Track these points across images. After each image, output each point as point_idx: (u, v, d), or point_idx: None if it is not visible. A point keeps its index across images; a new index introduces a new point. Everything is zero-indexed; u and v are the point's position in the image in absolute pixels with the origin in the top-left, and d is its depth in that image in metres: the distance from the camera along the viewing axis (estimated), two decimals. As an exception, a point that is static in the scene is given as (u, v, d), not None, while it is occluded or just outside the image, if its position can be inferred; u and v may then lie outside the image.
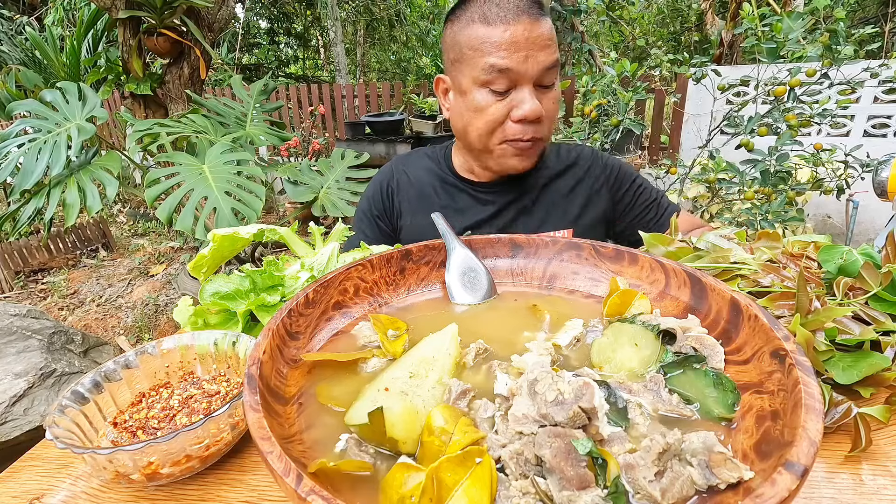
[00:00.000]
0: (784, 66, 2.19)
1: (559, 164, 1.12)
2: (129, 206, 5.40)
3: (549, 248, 0.65)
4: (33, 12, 7.66)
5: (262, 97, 2.85)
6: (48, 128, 2.33)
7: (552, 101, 0.95)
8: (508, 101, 0.92)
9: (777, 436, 0.35)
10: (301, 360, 0.49)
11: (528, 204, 1.07)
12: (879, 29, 6.45)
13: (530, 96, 0.90)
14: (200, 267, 0.70)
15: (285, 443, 0.36)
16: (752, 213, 2.06)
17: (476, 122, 0.96)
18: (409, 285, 0.64)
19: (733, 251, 0.66)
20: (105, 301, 3.58)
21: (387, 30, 9.75)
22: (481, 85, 0.92)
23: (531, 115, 0.91)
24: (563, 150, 1.17)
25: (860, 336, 0.51)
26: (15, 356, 2.07)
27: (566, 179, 1.11)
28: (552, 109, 0.96)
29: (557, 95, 0.97)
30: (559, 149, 1.17)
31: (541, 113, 0.92)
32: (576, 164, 1.12)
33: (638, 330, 0.49)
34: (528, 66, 0.88)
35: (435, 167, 1.14)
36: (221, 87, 7.24)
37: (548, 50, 0.90)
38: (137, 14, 2.80)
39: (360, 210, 1.19)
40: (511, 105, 0.92)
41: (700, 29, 7.43)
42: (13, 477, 0.52)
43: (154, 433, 0.50)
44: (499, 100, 0.92)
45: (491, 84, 0.91)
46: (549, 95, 0.94)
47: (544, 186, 1.09)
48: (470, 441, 0.37)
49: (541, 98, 0.93)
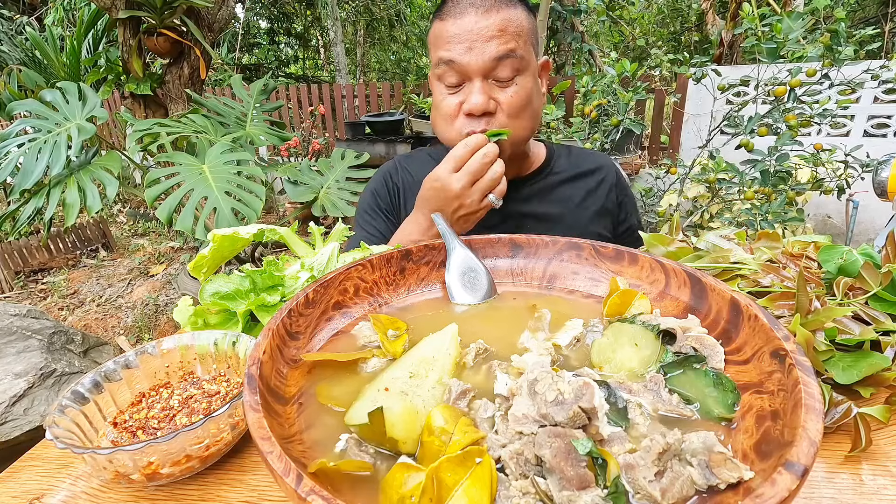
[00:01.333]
0: (784, 66, 2.19)
1: (571, 169, 1.08)
2: (129, 206, 5.40)
3: (549, 248, 0.65)
4: (33, 12, 7.67)
5: (262, 97, 2.85)
6: (48, 128, 2.33)
7: (511, 95, 0.90)
8: (460, 95, 0.91)
9: (777, 436, 0.35)
10: (301, 360, 0.49)
11: (536, 210, 1.05)
12: (879, 29, 6.45)
13: (477, 90, 0.88)
14: (200, 267, 0.70)
15: (285, 443, 0.36)
16: (752, 214, 2.06)
17: (436, 119, 0.96)
18: (409, 285, 0.64)
19: (733, 251, 0.66)
20: (105, 301, 3.59)
21: (387, 30, 9.75)
22: (437, 80, 0.93)
23: (474, 108, 0.88)
24: (578, 154, 1.12)
25: (860, 336, 0.51)
26: (15, 356, 2.07)
27: (578, 187, 1.07)
28: (512, 103, 0.90)
29: (522, 90, 0.91)
30: (570, 152, 1.13)
31: (487, 107, 0.88)
32: (591, 174, 1.08)
33: (638, 330, 0.49)
34: (471, 56, 0.86)
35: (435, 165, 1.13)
36: (221, 87, 7.25)
37: (496, 40, 0.86)
38: (137, 14, 2.80)
39: (365, 204, 1.15)
40: (463, 98, 0.91)
41: (700, 29, 7.43)
42: (13, 477, 0.52)
43: (154, 433, 0.50)
44: (451, 94, 0.91)
45: (443, 78, 0.91)
46: (507, 90, 0.90)
47: (553, 191, 1.06)
48: (470, 441, 0.37)
49: (496, 92, 0.90)
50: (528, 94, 0.92)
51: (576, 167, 1.09)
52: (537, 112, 0.97)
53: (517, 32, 0.88)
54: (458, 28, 0.87)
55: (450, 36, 0.87)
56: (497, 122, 0.91)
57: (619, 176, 1.12)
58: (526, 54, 0.89)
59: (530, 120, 0.95)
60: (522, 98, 0.91)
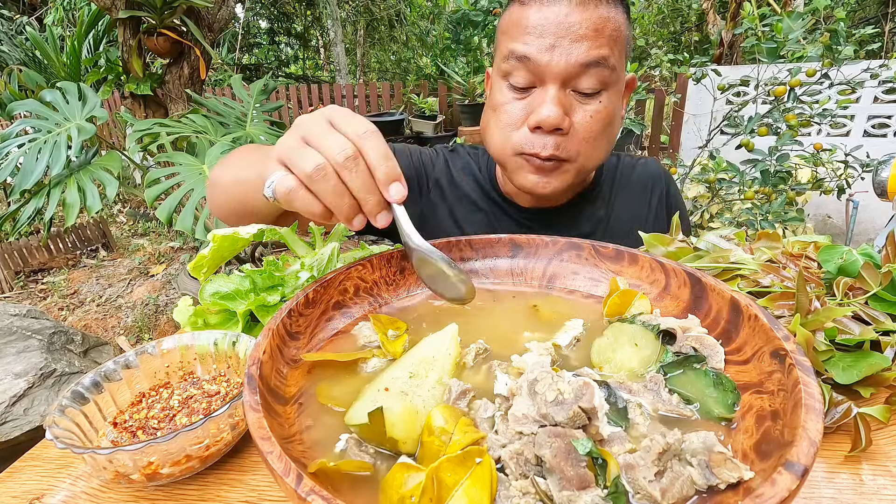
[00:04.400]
0: (784, 66, 2.19)
1: (618, 187, 0.93)
2: (129, 206, 5.40)
3: (549, 248, 0.65)
4: (33, 12, 7.66)
5: (262, 97, 2.86)
6: (48, 128, 2.33)
7: (591, 115, 0.74)
8: (529, 102, 0.75)
9: (777, 436, 0.35)
10: (301, 360, 0.49)
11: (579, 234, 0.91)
12: (879, 29, 6.45)
13: (551, 99, 0.72)
14: (201, 267, 0.70)
15: (285, 443, 0.36)
16: (752, 214, 2.06)
17: (492, 124, 0.80)
18: (409, 285, 0.64)
19: (733, 251, 0.66)
20: (105, 301, 3.59)
21: (387, 30, 9.75)
22: (502, 77, 0.77)
23: (545, 122, 0.72)
24: (627, 165, 0.97)
25: (860, 336, 0.51)
26: (15, 356, 2.07)
27: (625, 203, 0.93)
28: (590, 125, 0.74)
29: (605, 110, 0.75)
30: (619, 163, 0.97)
31: (561, 123, 0.72)
32: (640, 190, 0.95)
33: (638, 330, 0.49)
34: (552, 56, 0.70)
35: (478, 173, 0.96)
36: (221, 87, 7.25)
37: (589, 42, 0.70)
38: (137, 14, 2.80)
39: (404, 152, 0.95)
40: (531, 107, 0.75)
41: (700, 29, 7.43)
42: (13, 477, 0.52)
43: (154, 433, 0.50)
44: (518, 98, 0.76)
45: (509, 76, 0.75)
46: (587, 106, 0.74)
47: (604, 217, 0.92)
48: (470, 441, 0.37)
49: (574, 106, 0.74)
50: (611, 116, 0.76)
51: (624, 185, 0.95)
52: (613, 139, 0.80)
53: (614, 37, 0.72)
54: (542, 17, 0.70)
55: (530, 26, 0.71)
56: (568, 145, 0.75)
57: (668, 185, 0.99)
58: (619, 66, 0.74)
59: (605, 147, 0.79)
60: (604, 119, 0.75)
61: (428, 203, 0.96)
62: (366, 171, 0.48)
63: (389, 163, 0.48)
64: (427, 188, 0.96)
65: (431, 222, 0.95)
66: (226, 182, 0.77)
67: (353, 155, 0.47)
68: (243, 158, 0.77)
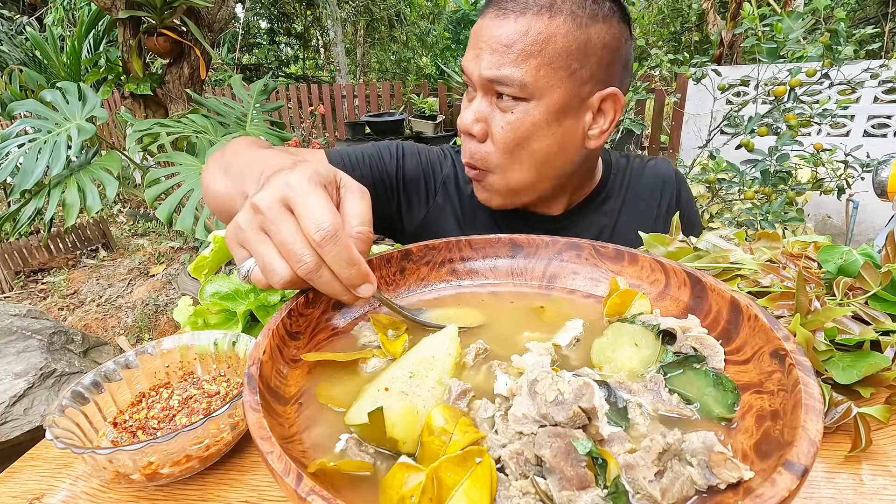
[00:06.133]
0: (784, 66, 2.19)
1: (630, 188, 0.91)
2: (129, 206, 5.40)
3: (549, 248, 0.65)
4: (33, 12, 7.66)
5: (262, 97, 2.86)
6: (48, 128, 2.34)
7: (502, 126, 0.72)
8: None
9: (777, 436, 0.35)
10: (301, 360, 0.49)
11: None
12: (879, 29, 6.45)
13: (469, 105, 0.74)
14: (201, 268, 0.70)
15: (285, 443, 0.36)
16: (753, 213, 2.06)
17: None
18: (409, 285, 0.64)
19: (733, 251, 0.66)
20: (105, 301, 3.59)
21: (387, 30, 9.75)
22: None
23: (459, 124, 0.75)
24: (636, 168, 0.95)
25: (860, 336, 0.51)
26: (15, 356, 2.07)
27: (633, 211, 0.91)
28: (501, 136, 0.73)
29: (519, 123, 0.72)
30: (629, 166, 0.95)
31: (471, 129, 0.73)
32: (651, 195, 0.92)
33: (638, 330, 0.49)
34: (472, 65, 0.73)
35: None
36: (221, 87, 7.25)
37: (497, 55, 0.69)
38: (137, 14, 2.80)
39: (382, 147, 0.93)
40: None
41: (700, 29, 7.43)
42: (13, 477, 0.52)
43: (154, 433, 0.50)
44: (469, 103, 0.77)
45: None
46: (504, 115, 0.72)
47: (609, 225, 0.90)
48: (470, 441, 0.37)
49: (494, 115, 0.73)
50: (527, 131, 0.73)
51: (633, 190, 0.93)
52: (542, 157, 0.75)
53: (534, 50, 0.68)
54: (479, 28, 0.73)
55: (473, 35, 0.75)
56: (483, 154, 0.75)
57: (679, 188, 0.96)
58: (537, 80, 0.70)
59: (528, 164, 0.75)
60: (516, 130, 0.72)
61: (435, 206, 0.96)
62: (331, 277, 0.47)
63: (353, 269, 0.46)
64: (434, 190, 0.95)
65: (436, 224, 0.95)
66: (212, 190, 0.79)
67: (315, 267, 0.45)
68: (231, 164, 0.76)
